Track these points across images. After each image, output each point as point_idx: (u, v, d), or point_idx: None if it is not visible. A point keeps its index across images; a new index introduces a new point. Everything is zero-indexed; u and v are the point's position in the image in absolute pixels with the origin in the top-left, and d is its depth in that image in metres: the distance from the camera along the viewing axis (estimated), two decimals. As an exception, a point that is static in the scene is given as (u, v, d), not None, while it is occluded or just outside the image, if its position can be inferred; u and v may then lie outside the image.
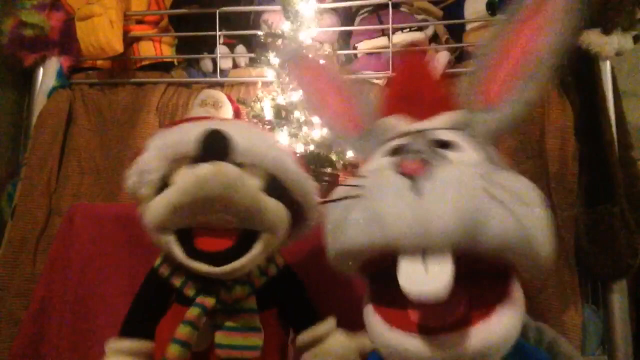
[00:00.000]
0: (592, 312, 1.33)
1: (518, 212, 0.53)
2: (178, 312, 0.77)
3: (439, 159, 0.57)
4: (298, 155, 0.91)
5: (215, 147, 0.71)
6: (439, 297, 0.50)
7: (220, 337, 0.76)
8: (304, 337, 0.85)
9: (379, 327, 0.58)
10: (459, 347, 0.52)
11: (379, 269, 0.60)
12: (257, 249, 0.75)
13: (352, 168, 1.39)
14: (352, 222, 0.57)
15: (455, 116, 0.67)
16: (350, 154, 1.37)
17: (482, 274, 0.56)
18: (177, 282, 0.80)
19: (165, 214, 0.73)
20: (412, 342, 0.54)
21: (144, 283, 0.86)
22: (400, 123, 0.69)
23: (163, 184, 0.76)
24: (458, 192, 0.52)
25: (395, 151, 0.64)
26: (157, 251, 0.87)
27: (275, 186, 0.78)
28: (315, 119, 1.29)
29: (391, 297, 0.56)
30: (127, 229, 1.17)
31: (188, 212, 0.73)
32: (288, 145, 0.89)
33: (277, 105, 1.31)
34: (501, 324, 0.54)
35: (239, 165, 0.75)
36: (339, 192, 0.62)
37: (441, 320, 0.54)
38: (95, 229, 1.17)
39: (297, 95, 1.29)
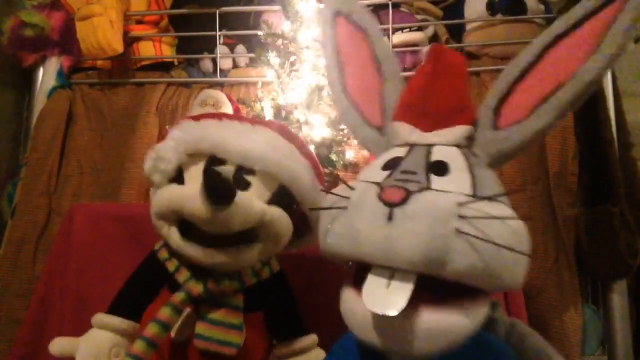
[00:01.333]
0: (592, 312, 1.33)
1: (485, 252, 0.55)
2: (166, 298, 0.77)
3: (420, 187, 0.60)
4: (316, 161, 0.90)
5: (220, 197, 0.70)
6: (391, 315, 0.55)
7: (201, 328, 0.76)
8: (282, 349, 0.85)
9: (347, 295, 0.64)
10: (409, 323, 0.56)
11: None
12: (253, 249, 0.76)
13: (352, 168, 1.40)
14: (334, 232, 0.63)
15: (462, 132, 0.68)
16: (350, 154, 1.37)
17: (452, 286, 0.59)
18: (171, 266, 0.81)
19: (168, 211, 0.75)
20: (366, 308, 0.58)
21: (141, 264, 0.86)
22: (408, 132, 0.70)
23: (177, 175, 0.77)
24: (426, 227, 0.55)
25: (393, 162, 0.67)
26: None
27: (284, 196, 0.79)
28: (315, 119, 1.29)
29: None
30: (126, 229, 1.17)
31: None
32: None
33: (277, 105, 1.32)
34: (453, 317, 0.57)
35: (252, 172, 0.77)
36: (329, 199, 0.66)
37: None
38: (95, 229, 1.17)
39: (297, 96, 1.29)
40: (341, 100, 0.80)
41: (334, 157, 1.31)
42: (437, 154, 0.66)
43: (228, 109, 1.42)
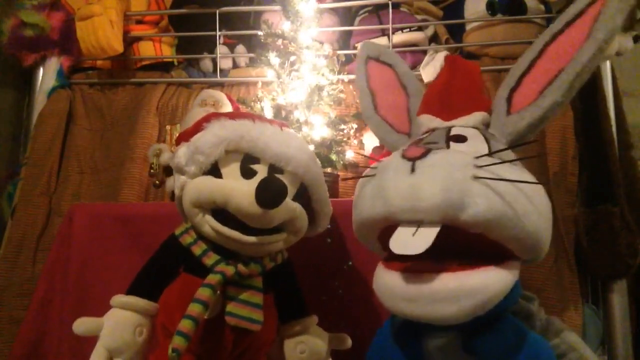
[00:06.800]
0: (592, 312, 1.33)
1: (503, 193, 0.60)
2: (188, 282, 0.82)
3: (439, 147, 0.67)
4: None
5: (271, 202, 0.78)
6: (416, 254, 0.60)
7: (231, 306, 0.82)
8: (295, 325, 0.92)
9: (379, 271, 0.71)
10: (434, 286, 0.61)
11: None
12: (281, 237, 0.85)
13: (352, 168, 1.40)
14: (364, 196, 0.70)
15: (479, 117, 0.77)
16: (350, 154, 1.37)
17: (486, 254, 0.64)
18: (197, 250, 0.85)
19: (208, 201, 0.81)
20: (396, 278, 0.65)
21: (161, 248, 0.90)
22: (431, 120, 0.80)
23: (212, 168, 0.84)
24: (445, 172, 0.61)
25: (417, 142, 0.75)
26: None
27: (303, 194, 0.88)
28: (315, 119, 1.30)
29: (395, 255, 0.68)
30: (126, 229, 1.17)
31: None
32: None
33: (277, 105, 1.32)
34: (478, 278, 0.61)
35: (281, 171, 0.84)
36: (365, 173, 0.75)
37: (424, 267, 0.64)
38: (95, 229, 1.17)
39: (297, 96, 1.29)
40: (373, 119, 0.93)
41: (334, 157, 1.31)
42: (456, 131, 0.74)
43: (228, 109, 1.42)
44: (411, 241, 0.61)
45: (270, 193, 0.77)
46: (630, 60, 1.65)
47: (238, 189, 0.79)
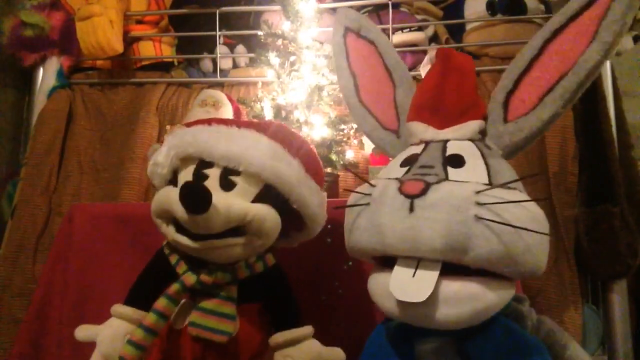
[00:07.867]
0: (592, 312, 1.33)
1: (504, 236, 0.58)
2: None
3: (437, 179, 0.63)
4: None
5: (195, 207, 0.74)
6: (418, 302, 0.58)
7: (195, 316, 0.82)
8: (279, 337, 0.87)
9: (374, 271, 0.70)
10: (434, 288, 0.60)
11: None
12: (237, 241, 0.80)
13: (352, 168, 1.39)
14: (359, 227, 0.67)
15: (474, 126, 0.72)
16: (350, 154, 1.37)
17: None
18: (173, 260, 0.86)
19: (162, 211, 0.81)
20: (386, 276, 0.63)
21: (151, 259, 0.91)
22: (423, 130, 0.74)
23: (173, 177, 0.85)
24: (446, 215, 0.58)
25: (411, 159, 0.71)
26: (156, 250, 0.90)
27: (270, 194, 0.82)
28: (315, 119, 1.29)
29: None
30: (126, 229, 1.17)
31: None
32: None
33: (277, 105, 1.31)
34: (477, 286, 0.59)
35: (237, 173, 0.80)
36: (353, 197, 0.71)
37: None
38: (95, 229, 1.17)
39: (297, 96, 1.29)
40: (357, 108, 0.87)
41: (334, 157, 1.31)
42: (452, 148, 0.69)
43: (228, 108, 1.42)
44: (412, 285, 0.59)
45: (191, 198, 0.74)
46: (630, 60, 1.65)
47: (176, 197, 0.76)
